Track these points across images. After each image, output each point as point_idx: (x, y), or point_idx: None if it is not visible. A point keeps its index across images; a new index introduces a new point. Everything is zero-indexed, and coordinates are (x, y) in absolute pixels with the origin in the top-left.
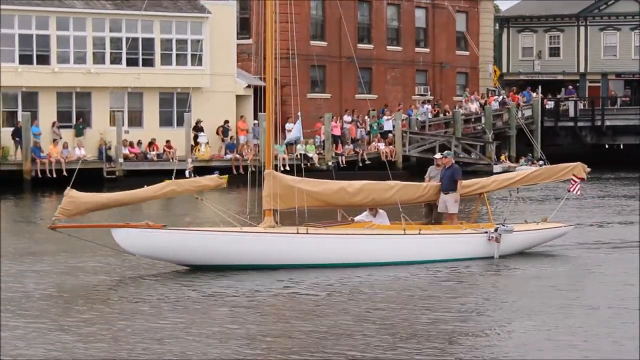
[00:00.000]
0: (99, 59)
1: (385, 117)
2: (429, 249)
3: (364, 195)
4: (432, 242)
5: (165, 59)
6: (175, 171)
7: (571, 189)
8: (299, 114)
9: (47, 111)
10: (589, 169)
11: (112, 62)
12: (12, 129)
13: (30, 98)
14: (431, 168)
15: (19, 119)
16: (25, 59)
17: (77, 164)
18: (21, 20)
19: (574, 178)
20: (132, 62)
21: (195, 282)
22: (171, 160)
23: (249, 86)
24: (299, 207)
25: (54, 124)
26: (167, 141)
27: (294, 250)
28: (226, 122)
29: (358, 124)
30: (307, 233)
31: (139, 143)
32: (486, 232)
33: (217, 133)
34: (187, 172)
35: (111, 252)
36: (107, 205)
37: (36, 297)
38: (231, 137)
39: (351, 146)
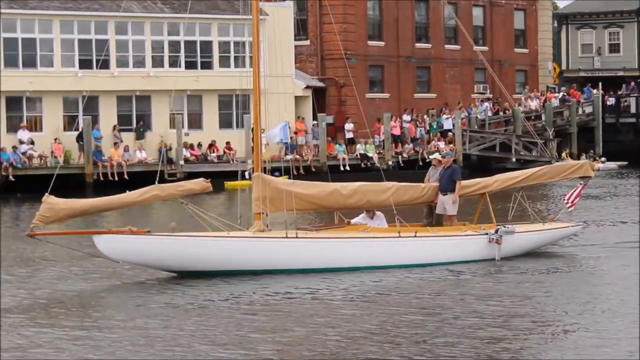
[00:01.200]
0: (157, 62)
1: (444, 116)
2: (425, 251)
3: (358, 197)
4: (428, 245)
5: (223, 62)
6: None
7: (566, 199)
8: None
9: (108, 115)
10: (597, 166)
11: (170, 65)
12: (74, 132)
13: (91, 102)
14: (431, 168)
15: (80, 123)
16: (85, 64)
17: (138, 167)
18: (80, 25)
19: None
20: (190, 65)
21: (181, 288)
22: (231, 162)
23: (307, 87)
24: (290, 210)
25: (114, 127)
26: (227, 143)
27: (282, 254)
28: None
29: (417, 123)
30: (296, 237)
31: (199, 145)
32: (487, 234)
33: None
34: (247, 174)
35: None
36: (87, 212)
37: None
38: (290, 138)
39: (411, 145)
